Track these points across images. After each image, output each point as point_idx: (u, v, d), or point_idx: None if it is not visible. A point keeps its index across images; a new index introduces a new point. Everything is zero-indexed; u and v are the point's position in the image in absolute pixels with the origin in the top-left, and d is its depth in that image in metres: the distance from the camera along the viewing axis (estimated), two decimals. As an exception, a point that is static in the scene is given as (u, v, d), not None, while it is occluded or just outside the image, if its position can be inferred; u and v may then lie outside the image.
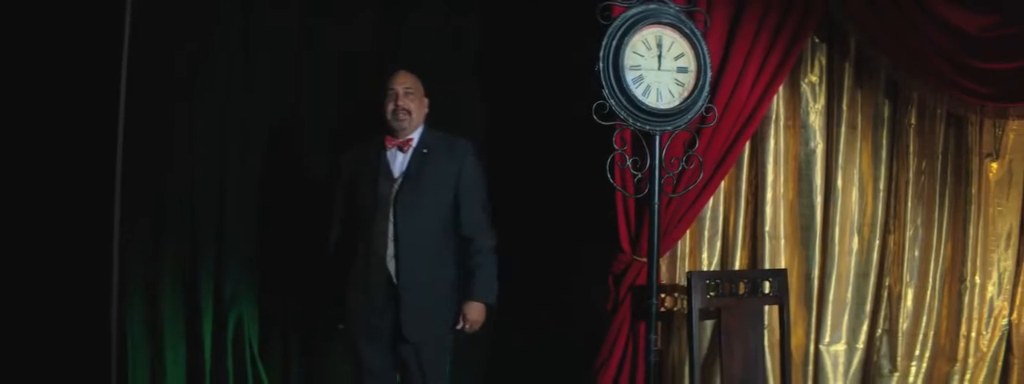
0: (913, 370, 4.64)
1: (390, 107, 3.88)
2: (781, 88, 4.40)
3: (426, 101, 3.99)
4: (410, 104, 3.88)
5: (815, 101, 4.50)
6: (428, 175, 3.87)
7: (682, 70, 3.83)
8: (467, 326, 3.91)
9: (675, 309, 4.37)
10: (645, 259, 4.05)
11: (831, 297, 4.56)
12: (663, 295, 4.18)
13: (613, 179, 3.88)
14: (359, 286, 3.86)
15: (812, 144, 4.51)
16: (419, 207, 3.84)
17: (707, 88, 3.89)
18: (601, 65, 3.70)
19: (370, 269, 3.84)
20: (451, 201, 3.90)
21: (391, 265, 3.83)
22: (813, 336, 4.56)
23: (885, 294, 4.63)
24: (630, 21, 3.75)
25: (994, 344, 4.65)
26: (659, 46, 3.77)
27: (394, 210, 3.82)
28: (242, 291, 4.11)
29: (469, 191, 3.94)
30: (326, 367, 4.28)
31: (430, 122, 4.00)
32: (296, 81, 4.33)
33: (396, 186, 3.86)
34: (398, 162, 3.90)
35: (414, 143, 3.93)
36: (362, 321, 3.88)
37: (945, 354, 4.66)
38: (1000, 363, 4.70)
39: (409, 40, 4.44)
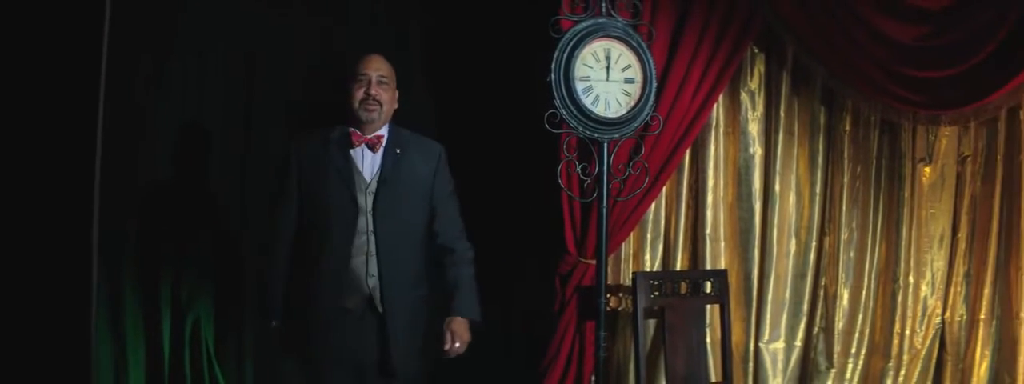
0: (850, 367, 5.20)
1: (359, 94, 3.78)
2: (721, 96, 4.89)
3: (397, 94, 3.92)
4: (383, 94, 3.80)
5: (754, 109, 5.02)
6: (404, 180, 3.80)
7: (629, 81, 4.31)
8: (458, 346, 3.80)
9: (619, 309, 4.85)
10: (590, 261, 4.53)
11: (770, 297, 5.08)
12: (608, 295, 4.61)
13: (562, 183, 4.36)
14: (326, 311, 3.72)
15: (751, 150, 5.02)
16: (398, 217, 3.77)
17: (653, 98, 4.36)
18: (553, 76, 4.17)
19: (343, 291, 3.73)
20: (427, 210, 3.86)
21: (371, 286, 3.74)
22: (753, 334, 5.09)
23: (821, 294, 5.18)
24: (580, 34, 4.23)
25: (928, 342, 5.25)
26: (607, 58, 4.26)
27: (373, 221, 3.75)
28: (199, 293, 4.43)
29: (447, 198, 3.92)
30: (279, 367, 4.58)
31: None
32: (248, 83, 4.59)
33: (371, 192, 3.76)
34: (368, 162, 3.80)
35: (385, 141, 3.84)
36: (331, 352, 3.73)
37: (880, 351, 5.23)
38: (934, 360, 5.30)
39: (357, 45, 4.65)
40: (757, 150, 5.03)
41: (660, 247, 4.99)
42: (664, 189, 4.88)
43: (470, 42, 4.58)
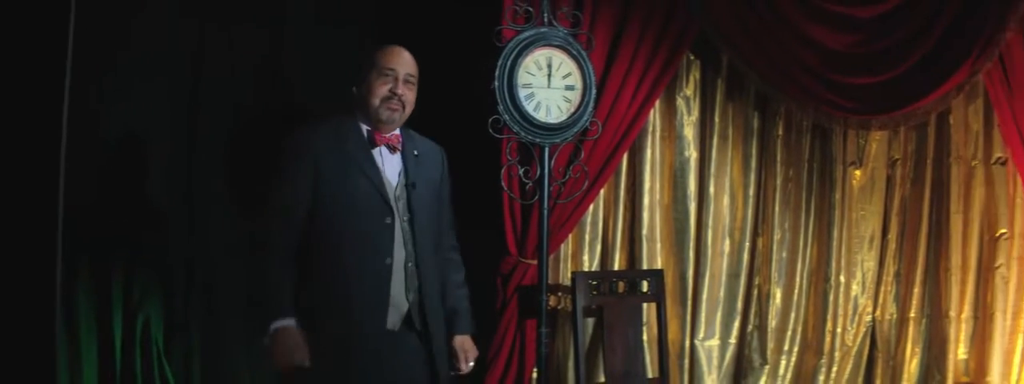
0: (783, 363, 5.68)
1: (383, 91, 3.68)
2: (658, 102, 5.31)
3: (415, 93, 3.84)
4: (408, 94, 3.73)
5: (689, 114, 5.48)
6: (424, 184, 3.76)
7: (570, 88, 4.71)
8: (471, 364, 3.91)
9: (559, 307, 5.23)
10: (531, 261, 4.92)
11: (705, 296, 5.53)
12: (548, 294, 4.93)
13: (504, 186, 4.76)
14: (366, 333, 3.58)
15: (686, 154, 5.47)
16: (426, 224, 3.73)
17: (592, 104, 4.76)
18: (496, 84, 4.56)
19: (384, 307, 3.62)
20: (438, 217, 3.86)
21: (411, 301, 3.68)
22: (688, 332, 5.53)
23: (755, 293, 5.65)
24: (522, 44, 4.62)
25: (858, 339, 5.75)
26: (549, 66, 4.67)
27: (411, 229, 3.69)
28: (149, 293, 4.77)
29: (448, 202, 3.97)
30: (226, 366, 4.97)
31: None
32: (193, 87, 4.92)
33: (400, 197, 3.71)
34: (390, 164, 3.73)
35: (402, 142, 3.78)
36: (375, 380, 3.60)
37: (813, 348, 5.72)
38: (865, 357, 5.80)
39: (301, 52, 5.05)
40: (692, 154, 5.48)
41: (598, 248, 5.41)
42: (602, 191, 5.30)
43: (416, 50, 5.04)
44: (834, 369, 5.75)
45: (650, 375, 5.28)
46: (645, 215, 5.40)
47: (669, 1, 5.14)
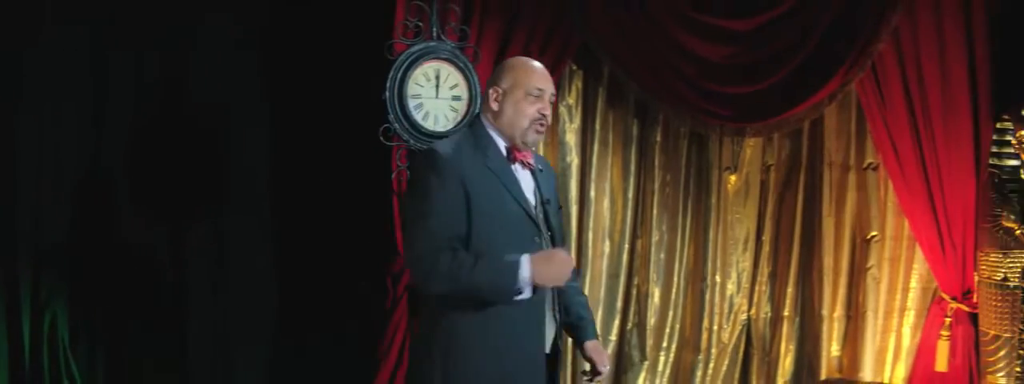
0: (662, 360, 6.43)
1: (532, 112, 3.74)
2: None
3: None
4: (550, 115, 3.81)
5: (571, 121, 6.19)
6: (552, 200, 3.91)
7: (457, 98, 5.42)
8: (607, 367, 4.03)
9: None
10: None
11: (587, 295, 5.85)
12: None
13: (395, 190, 5.43)
14: (512, 359, 3.66)
15: (568, 159, 6.16)
16: (561, 243, 3.86)
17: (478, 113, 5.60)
18: (387, 94, 5.26)
19: (518, 335, 3.68)
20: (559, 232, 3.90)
21: (549, 330, 3.79)
22: None
23: (634, 292, 6.38)
24: (412, 57, 5.32)
25: (734, 337, 6.51)
26: (437, 78, 5.40)
27: (552, 247, 3.78)
28: (56, 293, 5.39)
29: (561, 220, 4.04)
30: (128, 365, 5.61)
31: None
32: (98, 103, 5.55)
33: (540, 214, 3.82)
34: (525, 182, 3.80)
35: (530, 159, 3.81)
36: None
37: (690, 345, 6.47)
38: (741, 354, 6.57)
39: (200, 69, 5.63)
40: (574, 159, 6.20)
41: None
42: None
43: (314, 64, 5.67)
44: (711, 365, 6.54)
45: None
46: None
47: (552, 16, 5.83)
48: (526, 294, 3.56)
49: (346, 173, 5.43)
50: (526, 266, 3.54)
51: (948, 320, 6.60)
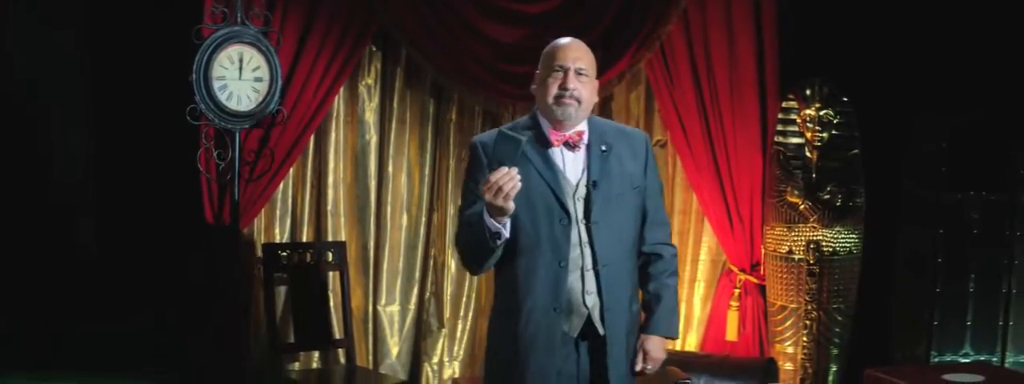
0: (459, 327, 7.51)
1: (554, 89, 4.12)
2: (342, 90, 7.01)
3: (597, 85, 4.32)
4: (582, 88, 4.13)
5: (371, 100, 7.22)
6: (615, 181, 4.17)
7: (258, 80, 6.49)
8: (650, 366, 4.25)
9: (255, 275, 6.86)
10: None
11: (385, 265, 7.26)
12: (242, 265, 6.58)
13: (201, 167, 6.45)
14: (539, 334, 4.10)
15: (367, 136, 7.16)
16: (613, 225, 4.15)
17: (278, 94, 6.53)
18: (194, 76, 6.25)
19: (558, 311, 4.09)
20: (640, 213, 4.28)
21: (589, 305, 4.13)
22: (371, 298, 7.26)
23: (432, 263, 7.40)
24: (217, 40, 6.38)
25: None
26: (240, 60, 6.43)
27: (587, 231, 4.13)
28: None
29: (658, 196, 4.36)
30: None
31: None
32: None
33: (581, 198, 4.16)
34: (571, 163, 4.18)
35: (586, 138, 4.20)
36: (544, 381, 4.10)
37: (486, 313, 6.58)
38: None
39: (22, 49, 6.45)
40: (373, 137, 7.21)
41: (289, 221, 7.14)
42: (291, 171, 6.98)
43: (125, 48, 6.59)
44: None
45: (337, 337, 6.98)
46: (330, 192, 7.19)
47: (353, 2, 6.85)
48: (505, 233, 3.98)
49: (154, 154, 6.48)
50: (486, 208, 3.93)
51: (737, 291, 7.55)
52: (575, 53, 4.20)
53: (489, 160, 4.00)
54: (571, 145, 4.15)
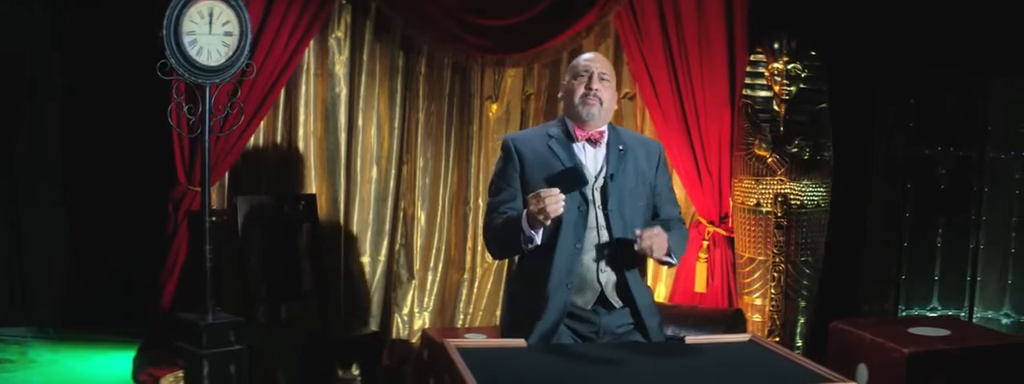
0: (429, 279, 7.68)
1: (580, 90, 4.66)
2: (312, 43, 7.09)
3: (617, 95, 5.03)
4: (603, 91, 4.67)
5: (340, 53, 7.31)
6: (630, 175, 4.69)
7: (228, 34, 6.47)
8: (647, 242, 4.46)
9: (224, 223, 6.95)
10: (198, 188, 6.62)
11: (356, 218, 7.40)
12: (214, 217, 6.57)
13: (172, 122, 6.46)
14: (556, 308, 4.54)
15: (337, 90, 7.31)
16: (626, 213, 4.63)
17: (248, 48, 6.47)
18: (165, 32, 6.24)
19: (573, 287, 4.56)
20: (648, 206, 4.76)
21: (603, 282, 4.60)
22: (342, 250, 7.39)
23: (401, 215, 7.55)
24: None
25: None
26: (210, 15, 6.41)
27: (604, 216, 4.63)
28: None
29: (669, 192, 4.89)
30: None
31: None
32: None
33: (598, 187, 4.66)
34: (592, 158, 4.72)
35: (606, 137, 4.74)
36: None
37: (456, 264, 7.72)
38: (504, 273, 7.71)
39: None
40: (343, 90, 7.35)
41: (259, 174, 7.22)
42: (262, 124, 7.12)
43: (101, 4, 6.66)
44: (477, 284, 7.79)
45: (308, 288, 7.13)
46: (300, 145, 7.33)
47: None
48: (537, 240, 4.47)
49: (127, 108, 6.55)
50: (525, 216, 4.44)
51: (706, 243, 7.71)
52: (597, 62, 4.74)
53: (518, 154, 4.67)
54: (593, 141, 4.68)
